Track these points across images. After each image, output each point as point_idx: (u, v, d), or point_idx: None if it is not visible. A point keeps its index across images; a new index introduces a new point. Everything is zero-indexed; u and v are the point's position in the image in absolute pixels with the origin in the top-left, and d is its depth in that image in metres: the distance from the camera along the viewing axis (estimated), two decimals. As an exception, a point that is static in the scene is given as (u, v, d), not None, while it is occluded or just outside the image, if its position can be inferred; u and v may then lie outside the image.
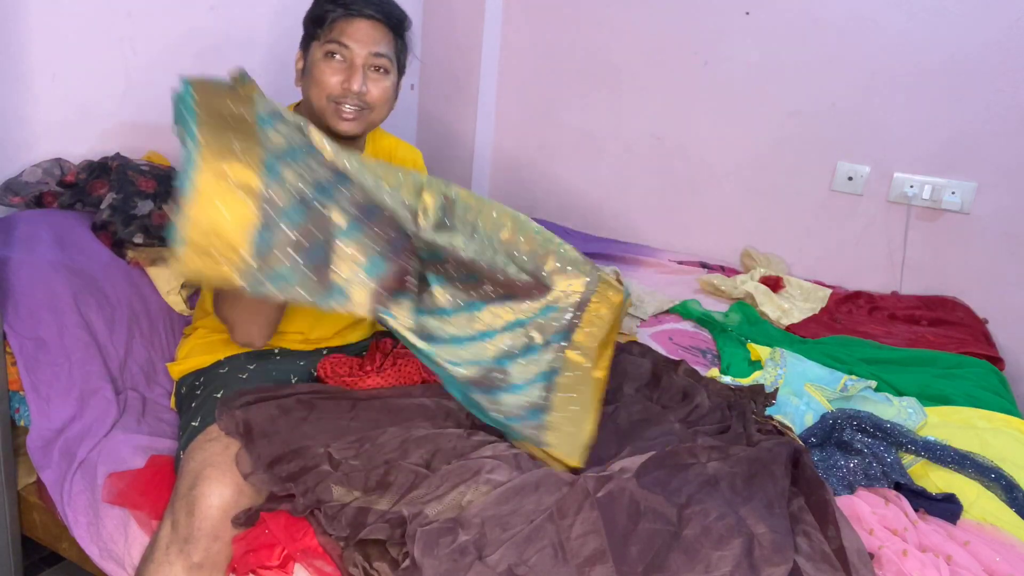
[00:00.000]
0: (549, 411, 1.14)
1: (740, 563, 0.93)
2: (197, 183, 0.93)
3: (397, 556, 0.98)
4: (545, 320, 1.15)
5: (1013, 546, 1.10)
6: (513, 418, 1.13)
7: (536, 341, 1.15)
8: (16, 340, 1.35)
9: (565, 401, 1.15)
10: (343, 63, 1.31)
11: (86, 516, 1.25)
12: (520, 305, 1.15)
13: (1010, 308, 2.09)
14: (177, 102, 1.01)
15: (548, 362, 1.15)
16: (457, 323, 1.13)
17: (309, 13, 1.36)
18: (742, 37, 2.30)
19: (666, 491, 1.03)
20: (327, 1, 1.32)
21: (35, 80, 1.63)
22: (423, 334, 1.11)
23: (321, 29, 1.31)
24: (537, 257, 1.14)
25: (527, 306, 1.15)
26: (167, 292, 1.60)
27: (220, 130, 0.98)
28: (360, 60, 1.31)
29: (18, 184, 1.61)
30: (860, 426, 1.34)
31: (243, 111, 1.02)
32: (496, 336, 1.14)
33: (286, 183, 1.00)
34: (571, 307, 1.15)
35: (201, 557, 1.06)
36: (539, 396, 1.14)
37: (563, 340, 1.16)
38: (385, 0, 1.35)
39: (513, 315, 1.14)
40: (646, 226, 2.61)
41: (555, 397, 1.15)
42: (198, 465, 1.10)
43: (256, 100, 1.04)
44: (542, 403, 1.14)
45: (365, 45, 1.31)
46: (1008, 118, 2.02)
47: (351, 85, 1.30)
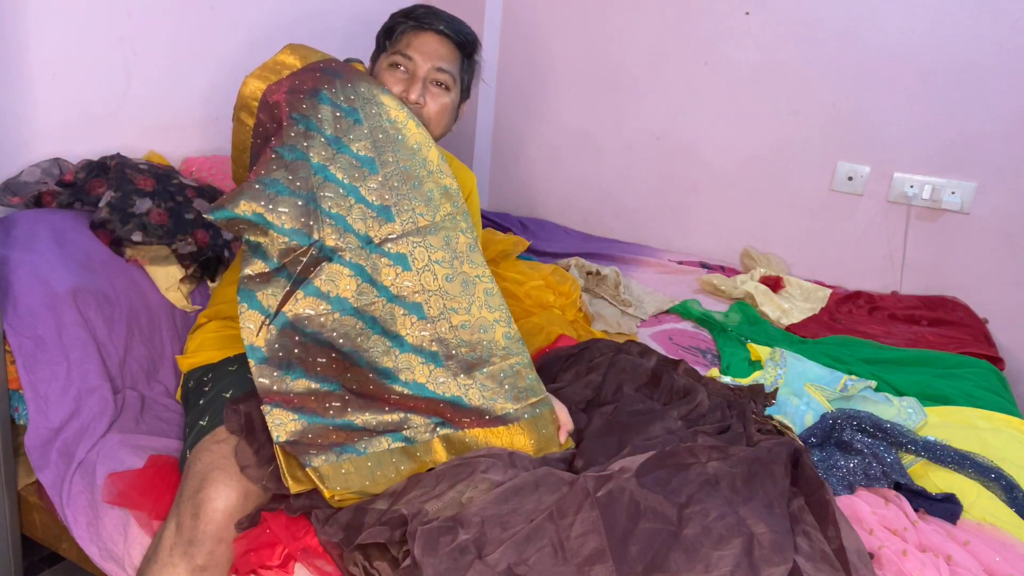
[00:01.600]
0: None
1: (740, 563, 0.93)
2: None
3: (397, 555, 0.98)
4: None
5: (1013, 546, 1.10)
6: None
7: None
8: (15, 339, 1.34)
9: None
10: (406, 74, 1.33)
11: (86, 516, 1.25)
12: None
13: (1010, 308, 2.09)
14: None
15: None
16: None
17: (385, 28, 1.39)
18: (742, 37, 2.30)
19: (666, 491, 1.03)
20: (401, 15, 1.36)
21: (35, 80, 1.63)
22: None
23: (390, 41, 1.35)
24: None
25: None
26: (167, 288, 1.60)
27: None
28: (422, 72, 1.33)
29: (17, 184, 1.61)
30: (860, 426, 1.34)
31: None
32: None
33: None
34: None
35: (205, 560, 1.05)
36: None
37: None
38: (457, 19, 1.38)
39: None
40: (646, 226, 2.61)
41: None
42: (205, 467, 1.09)
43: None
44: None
45: (429, 59, 1.33)
46: (1008, 118, 2.01)
47: (409, 95, 1.32)
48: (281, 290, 1.11)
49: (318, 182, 1.15)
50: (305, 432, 1.08)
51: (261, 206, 1.11)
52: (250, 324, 1.10)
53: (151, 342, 1.54)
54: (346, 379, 1.14)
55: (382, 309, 1.15)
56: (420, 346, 1.16)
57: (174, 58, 1.89)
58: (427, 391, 1.15)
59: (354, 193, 1.17)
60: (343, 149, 1.18)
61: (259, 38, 2.08)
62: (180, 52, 1.90)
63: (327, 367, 1.12)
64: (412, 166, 1.23)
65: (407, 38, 1.34)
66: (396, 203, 1.19)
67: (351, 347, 1.13)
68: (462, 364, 1.18)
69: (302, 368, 1.11)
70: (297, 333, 1.11)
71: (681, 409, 1.30)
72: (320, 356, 1.12)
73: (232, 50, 2.02)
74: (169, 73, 1.90)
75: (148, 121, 1.87)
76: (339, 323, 1.12)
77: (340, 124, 1.18)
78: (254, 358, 1.09)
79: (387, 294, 1.16)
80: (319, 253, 1.13)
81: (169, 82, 1.90)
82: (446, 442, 1.15)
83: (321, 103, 1.18)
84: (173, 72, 1.90)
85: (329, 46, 1.41)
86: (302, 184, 1.14)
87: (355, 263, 1.14)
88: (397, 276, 1.16)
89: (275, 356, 1.10)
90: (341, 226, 1.14)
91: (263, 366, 1.09)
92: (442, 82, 1.35)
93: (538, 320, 1.73)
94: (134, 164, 1.69)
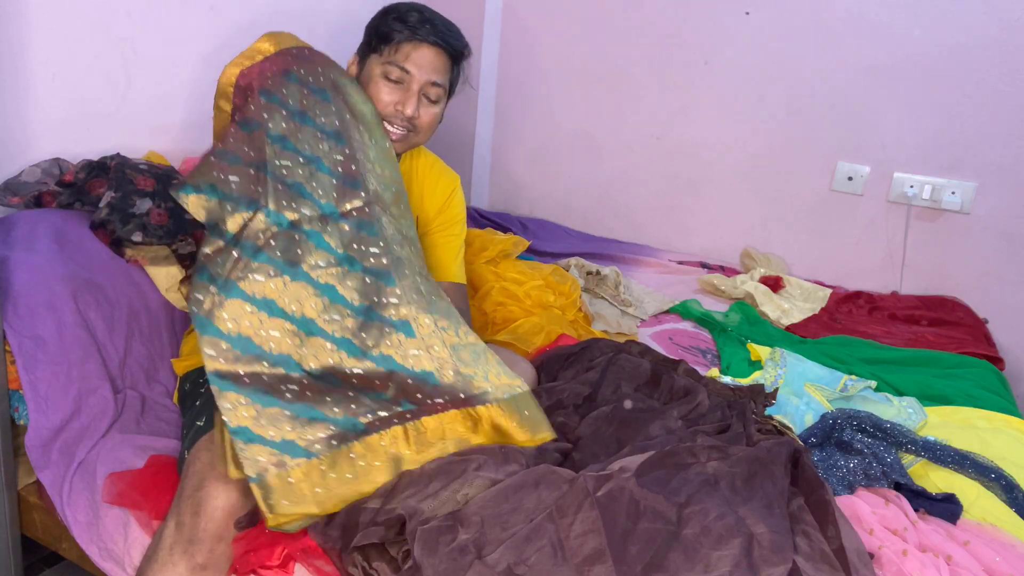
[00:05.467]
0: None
1: (739, 563, 0.93)
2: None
3: (396, 555, 0.98)
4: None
5: (1013, 546, 1.10)
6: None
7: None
8: (15, 339, 1.34)
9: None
10: (400, 86, 1.34)
11: (86, 516, 1.25)
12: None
13: (1010, 308, 2.09)
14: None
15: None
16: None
17: (375, 25, 1.37)
18: (742, 37, 2.30)
19: (666, 491, 1.03)
20: (396, 20, 1.34)
21: (35, 80, 1.63)
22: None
23: (386, 46, 1.33)
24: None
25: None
26: (167, 289, 1.60)
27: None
28: (417, 86, 1.34)
29: (17, 184, 1.61)
30: (860, 426, 1.34)
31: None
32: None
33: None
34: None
35: (205, 558, 1.05)
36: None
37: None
38: (451, 29, 1.38)
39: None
40: (646, 226, 2.61)
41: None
42: (204, 466, 1.09)
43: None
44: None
45: (425, 72, 1.34)
46: (1008, 118, 2.01)
47: (405, 109, 1.33)
48: (230, 258, 1.07)
49: (274, 152, 1.13)
50: (258, 418, 1.02)
51: (215, 176, 1.10)
52: (200, 295, 1.05)
53: (151, 342, 1.54)
54: (303, 355, 1.07)
55: (341, 278, 1.11)
56: (389, 315, 1.11)
57: (174, 58, 1.89)
58: (394, 363, 1.09)
59: (316, 163, 1.15)
60: (308, 121, 1.17)
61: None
62: (180, 52, 1.90)
63: (280, 342, 1.06)
64: (376, 154, 1.24)
65: (405, 50, 1.33)
66: (362, 175, 1.17)
67: (304, 315, 1.07)
68: (439, 323, 1.13)
69: (254, 342, 1.05)
70: (248, 303, 1.05)
71: (681, 409, 1.30)
72: (274, 329, 1.06)
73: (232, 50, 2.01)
74: (169, 73, 1.90)
75: (148, 121, 1.87)
76: (292, 291, 1.07)
77: (307, 100, 1.18)
78: (205, 330, 1.03)
79: (350, 262, 1.12)
80: (269, 220, 1.09)
81: (169, 82, 1.90)
82: (415, 433, 1.08)
83: (289, 81, 1.18)
84: (173, 72, 1.90)
85: (330, 47, 1.41)
86: (256, 154, 1.13)
87: (312, 231, 1.11)
88: (363, 245, 1.14)
89: (226, 328, 1.04)
90: (297, 192, 1.12)
91: (212, 338, 1.03)
92: (435, 96, 1.37)
93: (538, 320, 1.73)
94: (134, 164, 1.69)
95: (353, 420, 1.07)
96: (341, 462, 1.04)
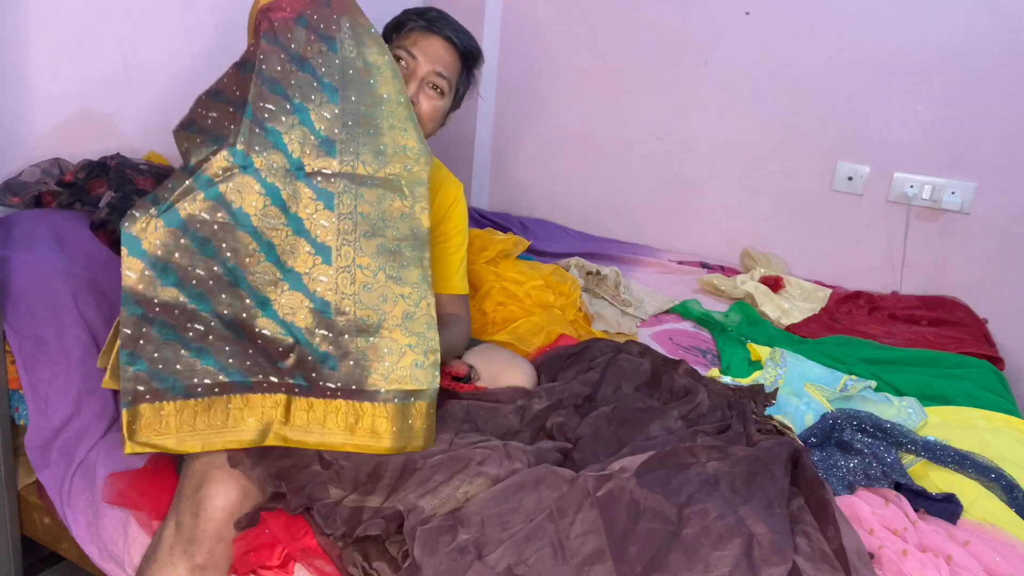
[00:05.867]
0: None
1: (739, 563, 0.93)
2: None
3: (396, 555, 0.98)
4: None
5: (1013, 546, 1.10)
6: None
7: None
8: (15, 339, 1.34)
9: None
10: (405, 71, 1.35)
11: (85, 516, 1.25)
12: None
13: (1010, 308, 2.09)
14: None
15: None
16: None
17: (393, 23, 1.42)
18: (742, 37, 2.30)
19: (666, 491, 1.03)
20: (414, 12, 1.39)
21: (35, 80, 1.63)
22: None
23: (397, 35, 1.37)
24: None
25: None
26: (167, 292, 1.60)
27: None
28: (421, 72, 1.35)
29: (17, 184, 1.61)
30: (860, 426, 1.34)
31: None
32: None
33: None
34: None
35: (205, 559, 1.05)
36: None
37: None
38: (466, 31, 1.41)
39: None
40: (646, 226, 2.61)
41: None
42: (203, 466, 1.09)
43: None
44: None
45: (431, 61, 1.36)
46: (1008, 118, 2.01)
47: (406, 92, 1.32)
48: (181, 185, 1.05)
49: (260, 93, 1.09)
50: (154, 349, 1.02)
51: (199, 112, 1.10)
52: (137, 212, 1.03)
53: (151, 342, 1.54)
54: (220, 300, 1.07)
55: (284, 239, 1.09)
56: (314, 291, 1.10)
57: (174, 58, 1.89)
58: (301, 337, 1.09)
59: (301, 113, 1.11)
60: (305, 67, 1.13)
61: (259, 38, 2.08)
62: (180, 52, 1.90)
63: (203, 282, 1.05)
64: (374, 114, 1.17)
65: (415, 36, 1.37)
66: (343, 142, 1.13)
67: (236, 264, 1.06)
68: (351, 325, 1.11)
69: (177, 275, 1.04)
70: (184, 235, 1.04)
71: (681, 409, 1.30)
72: (200, 268, 1.05)
73: (232, 50, 2.01)
74: (169, 73, 1.90)
75: (148, 121, 1.87)
76: (233, 237, 1.06)
77: (311, 47, 1.14)
78: (131, 250, 1.02)
79: (297, 225, 1.10)
80: (232, 160, 1.07)
81: (169, 82, 1.90)
82: (297, 410, 1.09)
83: (298, 25, 1.14)
84: (173, 72, 1.90)
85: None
86: (242, 94, 1.10)
87: (270, 183, 1.08)
88: (315, 212, 1.11)
89: (154, 253, 1.03)
90: (272, 140, 1.09)
91: (136, 259, 1.02)
92: (438, 86, 1.38)
93: (538, 320, 1.73)
94: (134, 164, 1.69)
95: (244, 375, 1.09)
96: (216, 408, 1.07)
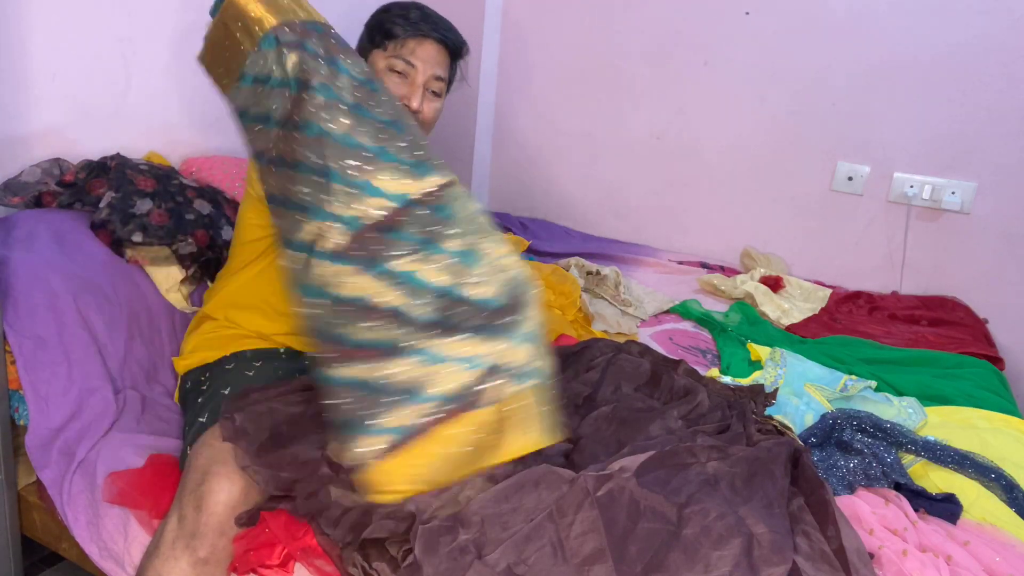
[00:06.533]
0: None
1: (739, 563, 0.93)
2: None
3: (396, 555, 0.98)
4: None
5: (1013, 546, 1.10)
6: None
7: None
8: (15, 339, 1.34)
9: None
10: (405, 80, 1.37)
11: (86, 515, 1.25)
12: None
13: (1010, 308, 2.09)
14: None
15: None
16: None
17: (377, 21, 1.41)
18: (742, 37, 2.30)
19: (666, 490, 1.03)
20: (399, 16, 1.38)
21: (35, 80, 1.63)
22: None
23: (390, 42, 1.37)
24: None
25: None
26: (167, 290, 1.60)
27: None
28: (422, 79, 1.38)
29: (17, 184, 1.61)
30: (860, 426, 1.34)
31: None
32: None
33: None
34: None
35: (207, 553, 1.06)
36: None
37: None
38: (450, 26, 1.43)
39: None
40: (646, 226, 2.61)
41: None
42: (206, 461, 1.10)
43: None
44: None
45: (431, 67, 1.38)
46: (1008, 118, 2.01)
47: (411, 103, 1.36)
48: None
49: (342, 152, 1.03)
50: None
51: (272, 184, 1.04)
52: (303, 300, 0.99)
53: (151, 343, 1.54)
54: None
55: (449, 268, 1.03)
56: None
57: (174, 58, 1.89)
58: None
59: (383, 155, 1.05)
60: (361, 111, 1.06)
61: (259, 38, 2.08)
62: (180, 52, 1.90)
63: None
64: (408, 120, 1.12)
65: (410, 45, 1.38)
66: (428, 157, 1.08)
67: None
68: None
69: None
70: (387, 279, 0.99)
71: (681, 409, 1.30)
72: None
73: (232, 50, 2.02)
74: (169, 73, 1.90)
75: (148, 121, 1.88)
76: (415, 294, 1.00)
77: (359, 92, 1.08)
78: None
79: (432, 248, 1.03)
80: (350, 227, 1.00)
81: (169, 82, 1.90)
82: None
83: (339, 72, 1.07)
84: (173, 72, 1.90)
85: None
86: (317, 158, 1.03)
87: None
88: (441, 228, 1.04)
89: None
90: (368, 192, 1.02)
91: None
92: (437, 89, 1.42)
93: (538, 320, 1.73)
94: (134, 164, 1.69)
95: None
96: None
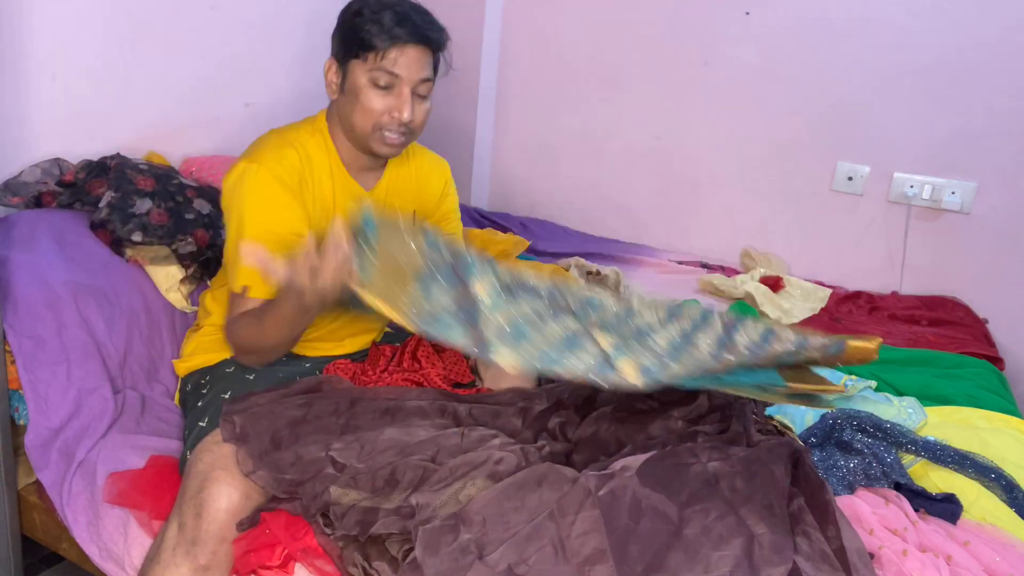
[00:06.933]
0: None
1: (740, 563, 0.93)
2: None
3: (396, 554, 0.98)
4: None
5: (1013, 546, 1.10)
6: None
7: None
8: (15, 339, 1.35)
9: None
10: (391, 91, 1.28)
11: (85, 516, 1.25)
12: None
13: (1010, 308, 2.09)
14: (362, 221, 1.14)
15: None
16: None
17: (351, 28, 1.29)
18: (742, 37, 2.30)
19: (667, 490, 1.03)
20: (374, 23, 1.26)
21: (35, 80, 1.63)
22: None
23: (369, 53, 1.27)
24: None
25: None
26: (167, 289, 1.60)
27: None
28: (409, 87, 1.28)
29: (17, 184, 1.61)
30: (860, 426, 1.34)
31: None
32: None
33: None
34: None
35: (208, 559, 1.06)
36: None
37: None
38: (427, 19, 1.32)
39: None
40: (646, 226, 2.61)
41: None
42: (206, 467, 1.09)
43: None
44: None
45: (415, 72, 1.29)
46: (1008, 118, 2.01)
47: (401, 115, 1.28)
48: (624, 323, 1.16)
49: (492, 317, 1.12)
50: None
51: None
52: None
53: (151, 343, 1.54)
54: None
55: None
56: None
57: (174, 58, 1.89)
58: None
59: (452, 316, 1.12)
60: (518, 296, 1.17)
61: (259, 38, 2.08)
62: (180, 52, 1.90)
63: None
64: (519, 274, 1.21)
65: (392, 54, 1.26)
66: (514, 288, 1.18)
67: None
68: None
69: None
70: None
71: (681, 409, 1.30)
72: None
73: (232, 50, 2.02)
74: (169, 73, 1.90)
75: (148, 121, 1.88)
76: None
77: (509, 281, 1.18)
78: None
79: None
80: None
81: (169, 82, 1.90)
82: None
83: (432, 284, 1.14)
84: (173, 72, 1.90)
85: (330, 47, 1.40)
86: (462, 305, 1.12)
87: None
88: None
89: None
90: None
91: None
92: (425, 92, 1.32)
93: (538, 320, 1.73)
94: (134, 164, 1.69)
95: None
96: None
